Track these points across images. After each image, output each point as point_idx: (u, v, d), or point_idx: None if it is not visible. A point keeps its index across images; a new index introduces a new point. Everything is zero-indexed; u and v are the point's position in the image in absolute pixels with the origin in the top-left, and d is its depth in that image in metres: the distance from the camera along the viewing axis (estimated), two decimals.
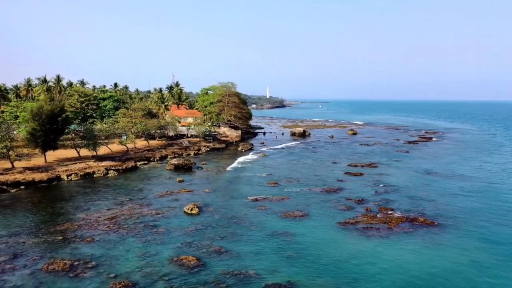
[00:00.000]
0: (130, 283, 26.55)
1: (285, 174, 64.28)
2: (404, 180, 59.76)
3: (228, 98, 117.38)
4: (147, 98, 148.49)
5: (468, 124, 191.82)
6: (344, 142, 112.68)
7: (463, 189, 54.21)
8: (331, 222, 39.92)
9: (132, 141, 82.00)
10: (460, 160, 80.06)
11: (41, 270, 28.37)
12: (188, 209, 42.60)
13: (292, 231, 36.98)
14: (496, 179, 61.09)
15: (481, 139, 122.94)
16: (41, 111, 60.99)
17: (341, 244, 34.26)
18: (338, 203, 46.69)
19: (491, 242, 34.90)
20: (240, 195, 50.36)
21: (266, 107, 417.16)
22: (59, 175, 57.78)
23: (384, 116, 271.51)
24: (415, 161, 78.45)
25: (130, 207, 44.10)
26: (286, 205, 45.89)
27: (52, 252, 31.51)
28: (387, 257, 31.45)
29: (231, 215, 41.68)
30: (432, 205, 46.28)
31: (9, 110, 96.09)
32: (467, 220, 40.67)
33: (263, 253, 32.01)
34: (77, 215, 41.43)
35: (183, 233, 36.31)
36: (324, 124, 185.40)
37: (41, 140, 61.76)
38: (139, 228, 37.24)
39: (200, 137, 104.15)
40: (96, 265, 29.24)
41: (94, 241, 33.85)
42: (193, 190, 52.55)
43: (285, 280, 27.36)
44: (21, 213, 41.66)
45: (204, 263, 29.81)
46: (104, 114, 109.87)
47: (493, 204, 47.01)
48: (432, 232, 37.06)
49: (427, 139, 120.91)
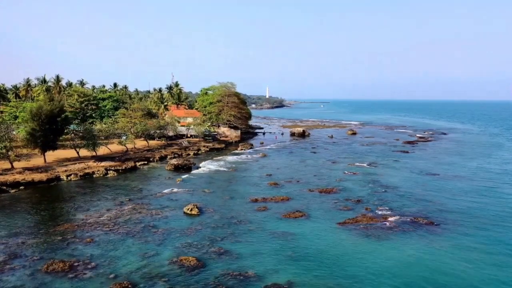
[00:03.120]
0: (130, 283, 26.52)
1: (284, 174, 64.28)
2: (403, 180, 59.78)
3: (227, 98, 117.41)
4: (147, 98, 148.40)
5: (468, 124, 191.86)
6: (344, 142, 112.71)
7: (463, 189, 54.24)
8: (330, 222, 39.92)
9: (132, 141, 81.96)
10: (460, 160, 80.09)
11: (40, 270, 28.34)
12: (188, 210, 42.57)
13: (291, 232, 36.98)
14: (495, 179, 61.12)
15: (481, 139, 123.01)
16: (41, 111, 60.91)
17: (340, 244, 34.27)
18: (337, 203, 46.70)
19: (490, 242, 34.91)
20: (240, 196, 50.34)
21: (265, 107, 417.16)
22: (58, 176, 57.73)
23: (384, 116, 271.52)
24: (414, 161, 78.48)
25: (129, 208, 44.07)
26: (286, 205, 45.89)
27: (51, 253, 31.48)
28: (387, 256, 31.46)
29: (231, 216, 41.67)
30: (432, 205, 46.30)
31: (9, 110, 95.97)
32: (466, 220, 40.69)
33: (262, 253, 32.00)
34: (77, 215, 41.40)
35: (182, 233, 36.29)
36: (323, 124, 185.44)
37: (40, 141, 61.67)
38: (139, 229, 37.22)
39: (200, 137, 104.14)
40: (96, 266, 29.22)
41: (93, 242, 33.82)
42: (192, 191, 52.52)
43: (284, 280, 27.36)
44: (21, 214, 41.62)
45: (204, 263, 29.79)
46: (103, 114, 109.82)
47: (492, 204, 47.03)
48: (431, 232, 37.07)
49: (427, 139, 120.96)
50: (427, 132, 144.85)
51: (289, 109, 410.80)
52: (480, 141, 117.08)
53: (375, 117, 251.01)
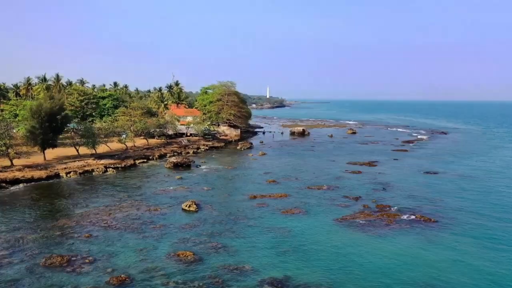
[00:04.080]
0: (128, 277, 26.69)
1: (284, 172, 64.41)
2: (402, 178, 59.89)
3: (227, 97, 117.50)
4: (147, 97, 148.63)
5: (468, 124, 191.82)
6: (343, 141, 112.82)
7: (462, 187, 54.35)
8: (328, 218, 40.04)
9: (131, 140, 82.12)
10: (459, 159, 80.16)
11: (39, 264, 28.51)
12: (186, 206, 42.71)
13: (289, 228, 37.11)
14: (494, 178, 61.20)
15: (481, 139, 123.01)
16: (41, 109, 61.07)
17: (338, 240, 34.38)
18: (336, 200, 46.82)
19: (489, 239, 35.02)
20: (239, 193, 50.49)
21: (266, 107, 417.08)
22: (58, 173, 57.92)
23: (384, 115, 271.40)
24: (413, 159, 78.58)
25: (128, 204, 44.24)
26: (285, 202, 46.02)
27: (50, 248, 31.65)
28: (384, 252, 31.59)
29: (229, 212, 41.82)
30: (430, 202, 46.42)
31: (9, 108, 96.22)
32: (465, 217, 40.80)
33: (260, 248, 32.15)
34: (76, 211, 41.57)
35: (180, 229, 36.44)
36: (323, 124, 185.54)
37: (40, 138, 61.85)
38: (137, 224, 37.38)
39: (200, 136, 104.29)
40: (94, 260, 29.38)
41: (92, 237, 33.99)
42: (191, 188, 52.68)
43: (281, 274, 27.51)
44: (20, 210, 41.79)
45: (201, 258, 29.95)
46: (103, 112, 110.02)
47: (491, 202, 47.15)
48: (429, 229, 37.18)
49: (427, 139, 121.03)
50: (427, 132, 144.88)
51: (290, 109, 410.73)
52: (480, 140, 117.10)
53: (375, 117, 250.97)
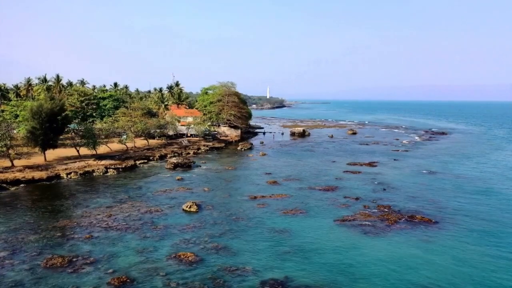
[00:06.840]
0: (128, 278, 26.72)
1: (284, 172, 64.43)
2: (402, 179, 59.90)
3: (227, 97, 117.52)
4: (147, 98, 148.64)
5: (468, 125, 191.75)
6: (344, 141, 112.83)
7: (462, 188, 54.35)
8: (329, 219, 40.06)
9: (132, 140, 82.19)
10: (459, 159, 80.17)
11: (40, 265, 28.55)
12: (186, 207, 42.74)
13: (290, 228, 37.13)
14: (494, 178, 61.22)
15: (481, 139, 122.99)
16: (41, 109, 61.13)
17: (338, 240, 34.40)
18: (336, 201, 46.84)
19: (489, 240, 35.03)
20: (239, 193, 50.51)
21: (266, 107, 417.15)
22: (58, 174, 57.96)
23: (384, 116, 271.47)
24: (414, 160, 78.58)
25: (129, 205, 44.27)
26: (285, 203, 46.04)
27: (51, 248, 31.68)
28: (384, 253, 31.60)
29: (230, 213, 41.84)
30: (431, 203, 46.43)
31: (9, 109, 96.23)
32: (465, 218, 40.79)
33: (260, 249, 32.16)
34: (76, 212, 41.61)
35: (181, 230, 36.47)
36: (323, 124, 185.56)
37: (40, 139, 61.91)
38: (138, 225, 37.41)
39: (200, 136, 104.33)
40: (95, 261, 29.41)
41: (93, 238, 34.02)
42: (192, 189, 52.70)
43: (282, 275, 27.52)
44: (21, 210, 41.84)
45: (202, 259, 29.97)
46: (103, 113, 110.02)
47: (491, 203, 47.15)
48: (430, 229, 37.20)
49: (427, 139, 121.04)
50: (428, 132, 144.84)
51: (290, 110, 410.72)
52: (480, 140, 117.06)
53: (375, 117, 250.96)
